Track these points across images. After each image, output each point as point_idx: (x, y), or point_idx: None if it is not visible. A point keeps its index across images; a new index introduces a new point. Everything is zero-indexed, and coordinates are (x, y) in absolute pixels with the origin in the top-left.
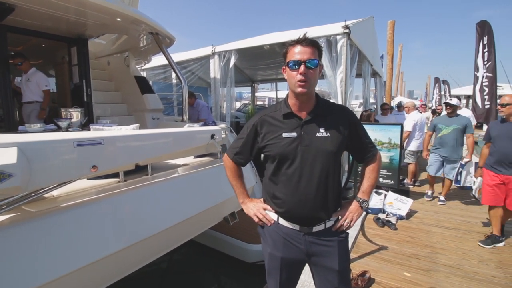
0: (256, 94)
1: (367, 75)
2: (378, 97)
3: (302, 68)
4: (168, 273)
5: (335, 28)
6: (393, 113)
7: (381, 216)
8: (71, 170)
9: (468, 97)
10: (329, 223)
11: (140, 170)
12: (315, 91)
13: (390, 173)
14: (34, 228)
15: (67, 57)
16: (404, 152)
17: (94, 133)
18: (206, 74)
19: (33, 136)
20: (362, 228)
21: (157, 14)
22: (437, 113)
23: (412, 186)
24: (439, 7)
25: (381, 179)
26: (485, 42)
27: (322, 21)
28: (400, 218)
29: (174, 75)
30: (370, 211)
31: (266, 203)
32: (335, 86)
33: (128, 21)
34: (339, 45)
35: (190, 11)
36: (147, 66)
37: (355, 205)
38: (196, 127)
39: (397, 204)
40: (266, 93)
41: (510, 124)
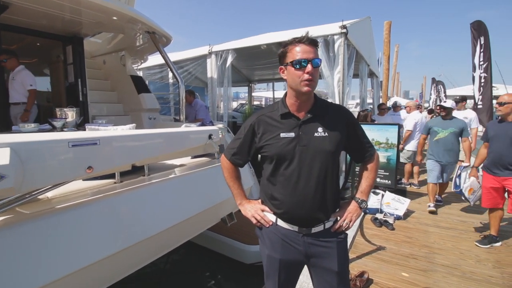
0: (252, 94)
1: (364, 75)
2: (375, 97)
3: (310, 67)
4: (165, 275)
5: (332, 28)
6: (389, 113)
7: (379, 216)
8: (66, 171)
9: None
10: (328, 224)
11: (136, 170)
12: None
13: (387, 173)
14: (28, 230)
15: (62, 56)
16: (401, 151)
17: (90, 133)
18: (203, 73)
19: (26, 136)
20: (361, 228)
21: (155, 13)
22: (435, 114)
23: (410, 185)
24: (435, 8)
25: (378, 179)
26: (482, 42)
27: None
28: (398, 218)
29: (170, 74)
30: (368, 211)
31: (264, 204)
32: (333, 86)
33: (124, 19)
34: (336, 45)
35: (186, 11)
36: (143, 65)
37: (353, 205)
38: (194, 127)
39: (394, 204)
40: (263, 93)
41: (507, 124)
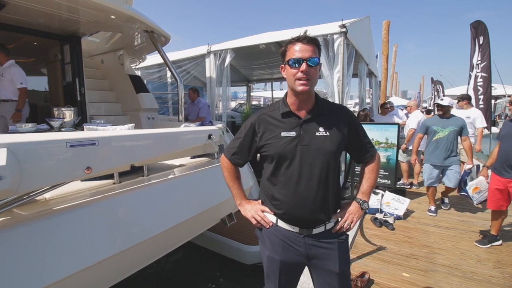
0: (251, 93)
1: (363, 74)
2: (374, 97)
3: (304, 66)
4: (164, 276)
5: (332, 28)
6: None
7: (379, 216)
8: (64, 172)
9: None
10: (329, 225)
11: (135, 171)
12: (314, 90)
13: (387, 173)
14: (25, 232)
15: (60, 55)
16: (405, 150)
17: (88, 133)
18: (202, 73)
19: (24, 136)
20: (361, 228)
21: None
22: (435, 114)
23: (409, 187)
24: (432, 8)
25: (378, 179)
26: (481, 42)
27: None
28: (398, 218)
29: (169, 74)
30: (368, 211)
31: (264, 204)
32: (332, 86)
33: (122, 18)
34: (336, 45)
35: (184, 10)
36: (141, 65)
37: (355, 206)
38: (193, 127)
39: (394, 204)
40: (261, 92)
41: None
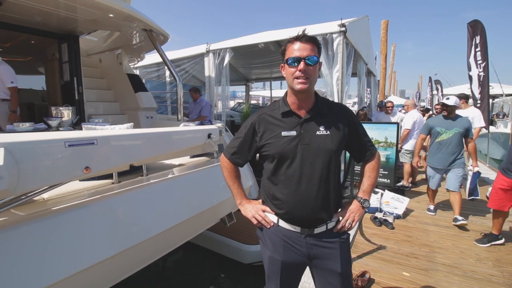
0: (250, 93)
1: (362, 74)
2: (372, 96)
3: (302, 64)
4: (164, 276)
5: (331, 27)
6: (375, 112)
7: (378, 215)
8: (62, 172)
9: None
10: (331, 224)
11: (134, 170)
12: (314, 89)
13: (387, 172)
14: (23, 233)
15: (58, 54)
16: (400, 151)
17: (87, 132)
18: (201, 72)
19: (21, 136)
20: (360, 227)
21: (151, 12)
22: (433, 113)
23: (409, 189)
24: (429, 8)
25: (378, 178)
26: (478, 41)
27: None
28: (397, 217)
29: (167, 73)
30: (367, 210)
31: (265, 204)
32: (331, 85)
33: (120, 17)
34: (335, 44)
35: (183, 10)
36: (140, 64)
37: (355, 205)
38: (193, 126)
39: (393, 203)
40: (260, 92)
41: None
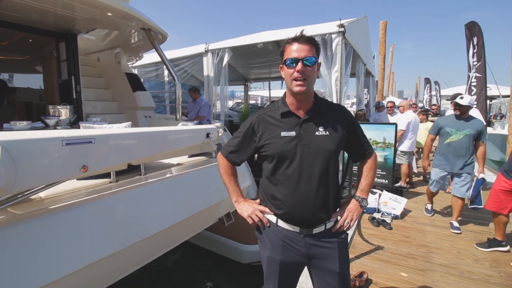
0: (249, 92)
1: (360, 74)
2: (371, 97)
3: (300, 65)
4: (161, 275)
5: (330, 27)
6: (373, 113)
7: (376, 215)
8: (59, 170)
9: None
10: (329, 224)
11: (132, 170)
12: (313, 90)
13: (385, 173)
14: (20, 232)
15: (55, 53)
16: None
17: (85, 131)
18: (199, 72)
19: (18, 134)
20: (358, 227)
21: (151, 12)
22: (431, 113)
23: (406, 190)
24: (428, 8)
25: (375, 179)
26: (475, 43)
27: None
28: (395, 217)
29: (166, 72)
30: (365, 210)
31: (264, 204)
32: (330, 85)
33: (119, 16)
34: (334, 44)
35: (182, 9)
36: (138, 63)
37: (354, 204)
38: (191, 126)
39: (391, 204)
40: (259, 92)
41: None
